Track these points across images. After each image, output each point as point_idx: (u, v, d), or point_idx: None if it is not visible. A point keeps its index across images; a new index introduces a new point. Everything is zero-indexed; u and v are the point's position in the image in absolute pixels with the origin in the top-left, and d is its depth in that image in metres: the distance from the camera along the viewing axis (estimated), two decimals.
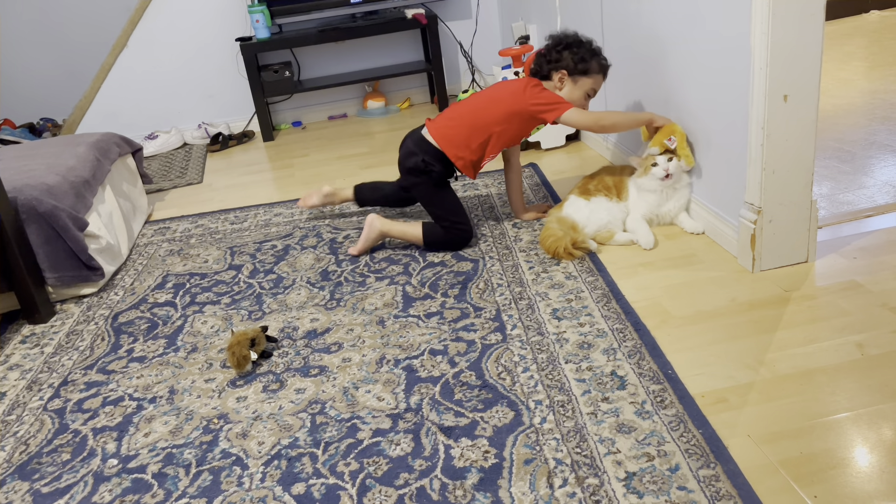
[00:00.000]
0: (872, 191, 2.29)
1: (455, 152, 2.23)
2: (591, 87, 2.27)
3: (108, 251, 2.37)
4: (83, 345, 2.01)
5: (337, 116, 4.25)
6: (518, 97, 2.21)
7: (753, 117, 1.80)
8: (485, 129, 2.22)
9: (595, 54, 2.25)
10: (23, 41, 4.36)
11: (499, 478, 1.33)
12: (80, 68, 4.21)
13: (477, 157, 2.26)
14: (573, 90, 2.25)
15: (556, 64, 2.25)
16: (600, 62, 2.26)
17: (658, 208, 2.21)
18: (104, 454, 1.54)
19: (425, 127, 2.30)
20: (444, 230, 2.26)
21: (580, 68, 2.22)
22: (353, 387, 1.66)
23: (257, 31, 3.76)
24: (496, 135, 2.22)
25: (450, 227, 2.25)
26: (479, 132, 2.22)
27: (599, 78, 2.27)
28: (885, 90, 3.26)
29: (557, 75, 2.25)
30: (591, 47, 2.26)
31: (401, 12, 3.96)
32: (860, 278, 1.82)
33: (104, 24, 4.11)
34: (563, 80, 2.25)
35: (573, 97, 2.24)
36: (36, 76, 4.42)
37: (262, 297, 2.14)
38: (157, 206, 3.11)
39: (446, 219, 2.26)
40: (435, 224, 2.28)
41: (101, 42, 3.99)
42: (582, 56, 2.23)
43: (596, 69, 2.25)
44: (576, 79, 2.24)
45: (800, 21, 1.68)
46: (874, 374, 1.48)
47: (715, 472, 1.27)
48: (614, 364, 1.61)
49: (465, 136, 2.23)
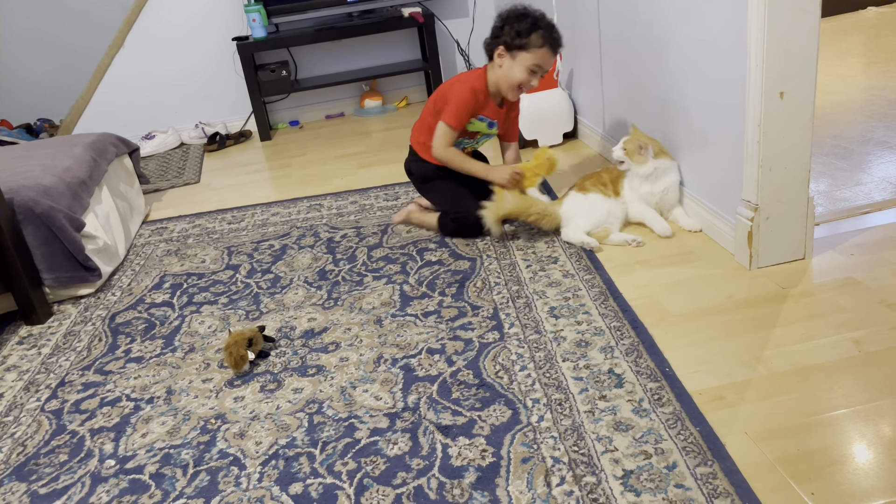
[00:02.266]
0: (870, 187, 2.29)
1: (415, 141, 2.43)
2: (532, 62, 2.15)
3: (106, 252, 2.37)
4: (80, 345, 2.00)
5: (334, 115, 4.25)
6: (447, 85, 2.31)
7: (750, 114, 1.80)
8: (430, 115, 2.34)
9: (536, 27, 2.14)
10: (19, 42, 4.36)
11: (496, 476, 1.33)
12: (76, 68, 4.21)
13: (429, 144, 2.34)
14: (512, 66, 2.18)
15: (496, 39, 2.20)
16: (544, 36, 2.14)
17: (641, 188, 2.22)
18: (101, 455, 1.54)
19: None
20: (451, 220, 2.31)
21: (517, 42, 2.14)
22: (351, 386, 1.66)
23: (254, 31, 3.76)
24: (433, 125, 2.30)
25: (452, 217, 2.31)
26: (429, 117, 2.35)
27: (542, 52, 2.15)
28: (882, 86, 3.26)
29: (497, 51, 2.20)
30: (535, 20, 2.15)
31: (397, 11, 3.95)
32: (857, 275, 1.82)
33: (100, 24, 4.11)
34: (503, 56, 2.19)
35: (513, 73, 2.18)
36: (32, 77, 4.41)
37: (259, 297, 2.14)
38: (154, 206, 3.10)
39: (446, 210, 2.34)
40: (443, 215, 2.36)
41: (97, 42, 3.99)
42: (519, 30, 2.14)
43: (537, 43, 2.14)
44: (514, 54, 2.17)
45: (796, 17, 1.68)
46: (872, 370, 1.48)
47: (712, 469, 1.27)
48: (612, 362, 1.61)
49: (420, 125, 2.40)
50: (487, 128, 2.35)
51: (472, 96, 2.23)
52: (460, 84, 2.26)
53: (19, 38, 4.34)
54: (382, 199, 2.79)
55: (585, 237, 2.14)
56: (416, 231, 2.44)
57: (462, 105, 2.22)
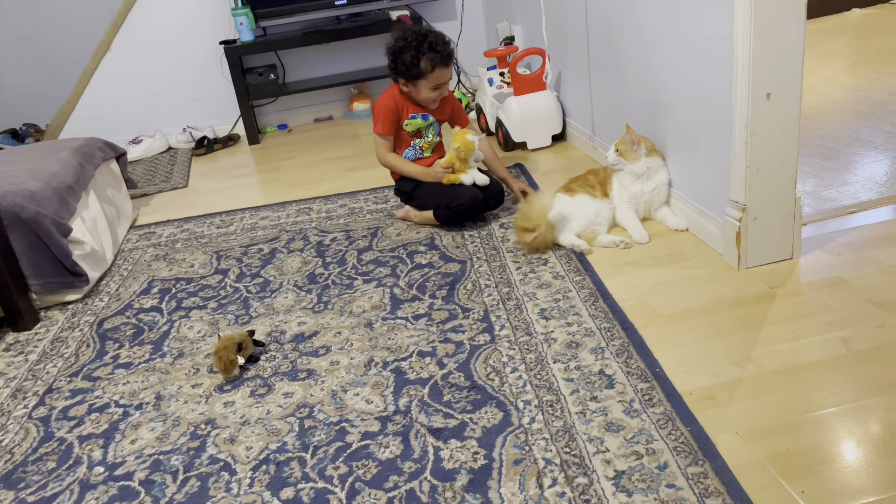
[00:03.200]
0: (856, 187, 2.31)
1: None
2: (430, 85, 2.32)
3: (93, 257, 2.35)
4: (68, 352, 1.99)
5: (323, 119, 4.24)
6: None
7: (737, 115, 1.81)
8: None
9: (420, 54, 2.26)
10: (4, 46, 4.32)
11: (488, 479, 1.33)
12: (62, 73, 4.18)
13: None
14: (418, 91, 2.35)
15: (394, 73, 2.35)
16: (431, 59, 2.26)
17: (631, 188, 2.23)
18: (90, 462, 1.53)
19: None
20: (445, 208, 2.37)
21: (411, 73, 2.29)
22: (342, 390, 1.65)
23: (241, 34, 3.74)
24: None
25: (446, 206, 2.36)
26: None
27: (436, 73, 2.30)
28: (867, 87, 3.29)
29: (401, 82, 2.36)
30: (417, 48, 2.26)
31: (385, 14, 3.95)
32: (845, 274, 1.83)
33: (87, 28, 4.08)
34: (407, 86, 2.35)
35: (420, 96, 2.35)
36: (18, 81, 4.38)
37: (248, 301, 2.13)
38: (142, 210, 3.09)
39: (436, 205, 2.39)
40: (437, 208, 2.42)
41: (83, 46, 3.96)
42: (407, 63, 2.27)
43: (428, 69, 2.28)
44: (414, 83, 2.33)
45: (782, 19, 1.69)
46: (860, 369, 1.49)
47: (703, 469, 1.28)
48: (602, 363, 1.61)
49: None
50: (424, 121, 2.44)
51: (390, 101, 2.39)
52: (381, 97, 2.43)
53: (4, 43, 4.31)
54: (372, 202, 2.78)
55: (576, 239, 2.15)
56: (406, 233, 2.44)
57: (382, 112, 2.39)
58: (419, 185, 2.45)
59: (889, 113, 2.92)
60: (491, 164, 2.54)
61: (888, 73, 3.44)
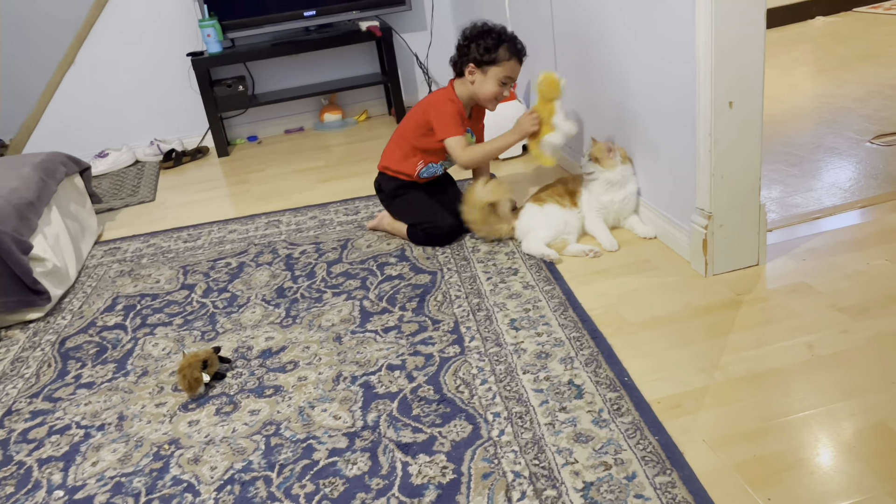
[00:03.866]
0: (820, 193, 2.34)
1: (383, 163, 2.45)
2: (502, 75, 2.28)
3: (55, 274, 2.30)
4: (28, 372, 1.94)
5: (293, 130, 4.21)
6: (425, 108, 2.35)
7: (701, 124, 1.83)
8: (405, 140, 2.39)
9: (502, 41, 2.26)
10: None
11: (457, 493, 1.31)
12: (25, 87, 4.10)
13: (403, 165, 2.39)
14: (484, 81, 2.29)
15: (464, 58, 2.30)
16: (510, 48, 2.26)
17: (602, 197, 2.23)
18: (50, 486, 1.49)
19: None
20: (421, 230, 2.35)
21: (486, 58, 2.26)
22: (309, 406, 1.63)
23: (209, 46, 3.71)
24: (414, 144, 2.37)
25: (423, 227, 2.34)
26: (402, 142, 2.40)
27: (511, 64, 2.28)
28: (830, 94, 3.34)
29: (467, 69, 2.30)
30: (499, 35, 2.26)
31: (355, 25, 3.94)
32: (809, 280, 1.85)
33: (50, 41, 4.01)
34: (473, 73, 2.29)
35: (485, 88, 2.29)
36: None
37: (215, 317, 2.09)
38: (107, 225, 3.03)
39: (413, 223, 2.37)
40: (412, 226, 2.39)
41: (47, 59, 3.89)
42: (487, 46, 2.25)
43: (505, 56, 2.26)
44: (485, 69, 2.28)
45: (742, 28, 1.71)
46: (824, 374, 1.51)
47: (671, 478, 1.28)
48: (571, 373, 1.61)
49: (392, 148, 2.44)
50: (470, 137, 2.42)
51: (453, 106, 2.32)
52: (436, 102, 2.35)
53: None
54: (343, 213, 2.76)
55: (546, 249, 2.15)
56: (377, 245, 2.43)
57: (452, 115, 2.31)
58: (402, 193, 2.41)
59: (852, 119, 2.97)
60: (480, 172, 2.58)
61: (851, 80, 3.51)
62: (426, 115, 2.33)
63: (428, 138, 2.34)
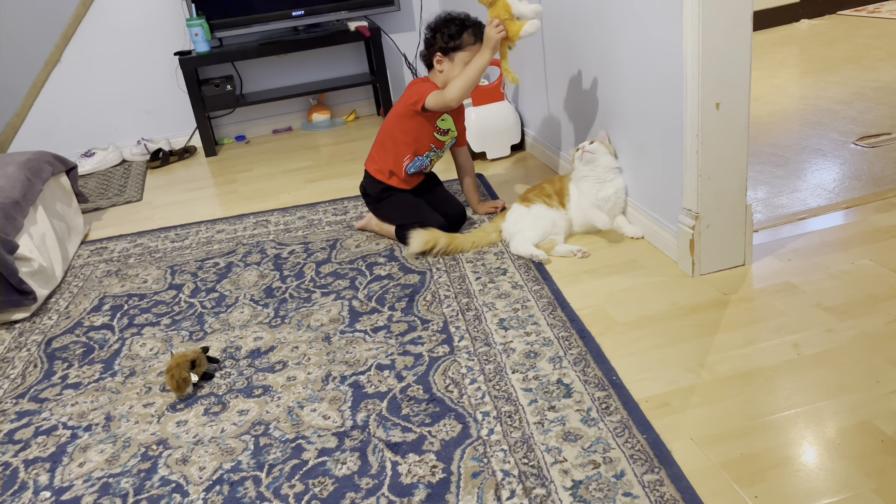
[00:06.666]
0: (805, 194, 2.37)
1: (370, 166, 2.45)
2: (469, 59, 2.28)
3: (41, 274, 2.28)
4: (14, 373, 1.92)
5: (281, 130, 4.20)
6: (401, 99, 2.37)
7: (688, 125, 1.84)
8: (389, 137, 2.39)
9: (465, 27, 2.28)
10: None
11: (446, 493, 1.32)
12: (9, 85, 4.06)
13: (390, 164, 2.39)
14: (452, 67, 2.31)
15: (431, 48, 2.33)
16: (474, 32, 2.28)
17: (597, 194, 2.24)
18: (36, 487, 1.48)
19: None
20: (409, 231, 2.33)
21: (451, 45, 2.28)
22: (298, 406, 1.63)
23: (197, 45, 3.69)
24: (399, 138, 2.36)
25: (411, 227, 2.32)
26: (387, 140, 2.40)
27: (476, 48, 2.28)
28: (815, 96, 3.38)
29: (435, 59, 2.32)
30: (462, 22, 2.29)
31: (343, 25, 3.94)
32: (795, 279, 1.87)
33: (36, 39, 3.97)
34: (441, 61, 2.32)
35: (454, 74, 2.29)
36: None
37: (203, 317, 2.09)
38: (94, 225, 3.01)
39: (401, 223, 2.37)
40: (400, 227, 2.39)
41: (32, 57, 3.86)
42: (451, 33, 2.28)
43: (469, 41, 2.28)
44: (451, 56, 2.30)
45: (729, 30, 1.73)
46: (810, 373, 1.52)
47: (659, 476, 1.29)
48: (560, 372, 1.61)
49: (377, 150, 2.44)
50: (452, 124, 2.43)
51: (431, 83, 2.32)
52: (412, 86, 2.36)
53: None
54: (331, 213, 2.76)
55: (534, 249, 2.15)
56: (366, 245, 2.43)
57: (429, 85, 2.31)
58: (387, 196, 2.42)
59: (837, 121, 3.00)
60: (468, 188, 2.60)
61: (836, 82, 3.54)
62: (405, 103, 2.34)
63: (412, 123, 2.33)
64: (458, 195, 2.69)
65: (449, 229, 2.36)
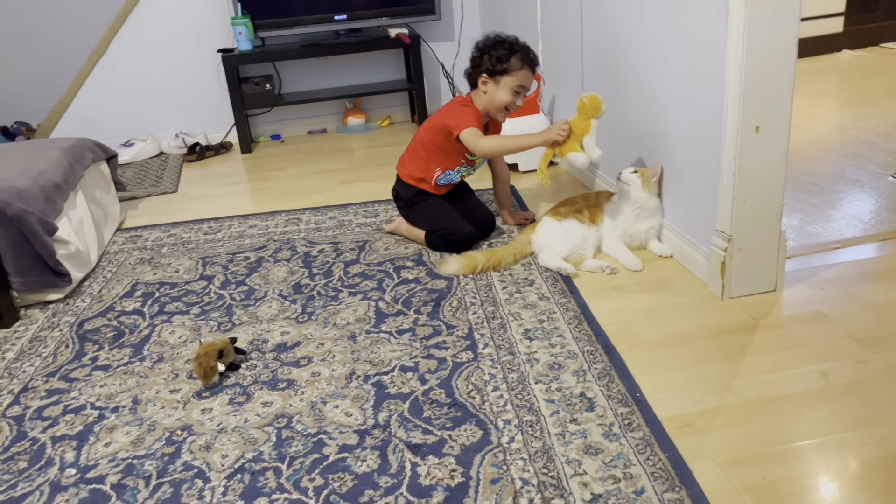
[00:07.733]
0: (840, 224, 2.34)
1: (402, 171, 2.47)
2: (515, 84, 2.28)
3: (77, 257, 2.33)
4: (46, 351, 1.96)
5: (316, 131, 4.25)
6: (441, 113, 2.38)
7: (726, 147, 1.84)
8: (422, 146, 2.40)
9: (514, 51, 2.27)
10: None
11: (465, 497, 1.32)
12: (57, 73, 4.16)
13: (420, 172, 2.41)
14: (496, 91, 2.30)
15: (478, 69, 2.32)
16: (522, 57, 2.27)
17: (630, 227, 2.23)
18: (62, 463, 1.51)
19: None
20: (439, 237, 2.37)
21: (498, 68, 2.27)
22: (321, 401, 1.64)
23: (240, 44, 3.76)
24: (431, 149, 2.38)
25: (441, 233, 2.36)
26: (420, 149, 2.41)
27: (523, 73, 2.28)
28: (854, 127, 3.34)
29: (480, 79, 2.32)
30: (511, 45, 2.28)
31: (384, 31, 3.98)
32: (826, 308, 1.85)
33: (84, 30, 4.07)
34: (486, 83, 2.31)
35: (498, 97, 2.29)
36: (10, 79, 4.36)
37: (232, 309, 2.12)
38: (129, 213, 3.07)
39: (432, 230, 2.38)
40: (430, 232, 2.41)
41: (80, 47, 3.95)
42: (499, 56, 2.27)
43: (517, 66, 2.27)
44: (497, 79, 2.29)
45: (773, 55, 1.72)
46: (837, 403, 1.50)
47: (679, 495, 1.28)
48: (584, 385, 1.61)
49: (409, 156, 2.46)
50: None
51: (470, 109, 2.32)
52: (453, 105, 2.37)
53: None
54: (361, 215, 2.79)
55: (562, 262, 2.15)
56: (394, 248, 2.44)
57: (468, 114, 2.30)
58: (420, 200, 2.43)
59: (875, 153, 2.96)
60: (501, 196, 2.62)
61: (876, 114, 3.50)
62: (443, 119, 2.34)
63: (445, 140, 2.34)
64: (489, 204, 2.70)
65: (478, 237, 2.38)
